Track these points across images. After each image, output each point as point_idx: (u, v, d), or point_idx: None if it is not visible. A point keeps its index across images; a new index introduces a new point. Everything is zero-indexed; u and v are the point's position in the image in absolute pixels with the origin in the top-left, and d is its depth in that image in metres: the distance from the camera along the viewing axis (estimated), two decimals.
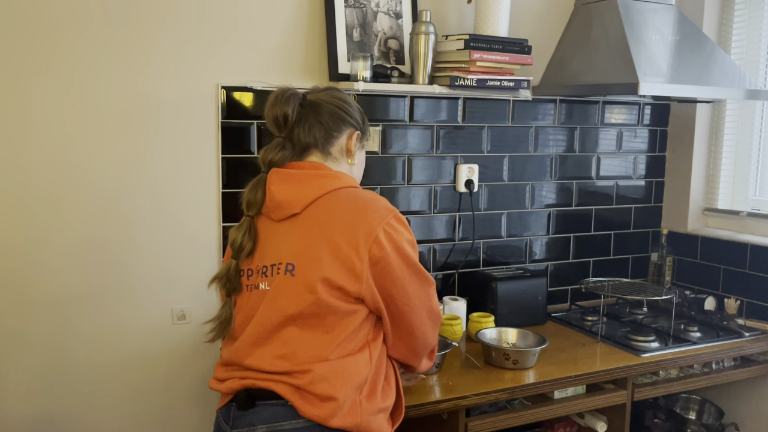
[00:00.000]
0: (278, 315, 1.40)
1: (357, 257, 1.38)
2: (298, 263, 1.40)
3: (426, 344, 1.55)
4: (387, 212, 1.43)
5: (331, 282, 1.37)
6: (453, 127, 2.39)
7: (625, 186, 2.78)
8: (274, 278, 1.42)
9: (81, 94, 1.88)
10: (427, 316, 1.51)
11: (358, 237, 1.38)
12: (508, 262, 2.57)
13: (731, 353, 2.26)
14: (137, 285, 2.00)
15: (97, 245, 1.94)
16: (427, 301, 1.50)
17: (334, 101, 1.54)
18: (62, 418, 1.95)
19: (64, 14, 1.84)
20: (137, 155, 1.96)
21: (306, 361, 1.39)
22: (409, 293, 1.45)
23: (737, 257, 2.57)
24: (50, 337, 1.92)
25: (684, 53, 2.30)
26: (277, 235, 1.46)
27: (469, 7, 2.35)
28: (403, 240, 1.43)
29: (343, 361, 1.40)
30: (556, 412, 1.98)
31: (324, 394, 1.37)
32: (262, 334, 1.42)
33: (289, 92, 1.51)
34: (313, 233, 1.40)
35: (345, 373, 1.39)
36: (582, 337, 2.28)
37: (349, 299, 1.40)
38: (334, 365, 1.39)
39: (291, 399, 1.38)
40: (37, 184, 1.86)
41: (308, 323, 1.39)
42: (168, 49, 1.96)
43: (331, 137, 1.52)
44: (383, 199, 1.48)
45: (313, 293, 1.37)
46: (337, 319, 1.40)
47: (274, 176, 1.47)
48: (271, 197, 1.46)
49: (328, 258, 1.38)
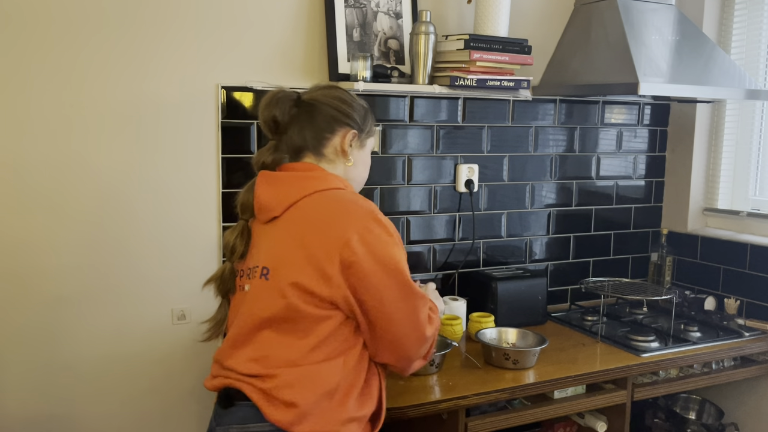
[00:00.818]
0: (254, 318, 1.41)
1: (328, 261, 1.35)
2: (272, 267, 1.40)
3: (407, 358, 1.48)
4: (364, 215, 1.39)
5: (301, 286, 1.36)
6: (453, 127, 2.39)
7: (625, 186, 2.78)
8: (253, 281, 1.44)
9: (81, 94, 1.88)
10: (411, 329, 1.44)
11: (330, 240, 1.35)
12: (508, 262, 2.57)
13: (731, 353, 2.26)
14: (137, 285, 2.00)
15: (97, 245, 1.94)
16: (411, 314, 1.42)
17: (329, 101, 1.51)
18: (62, 417, 1.95)
19: (64, 14, 1.84)
20: (137, 155, 1.96)
21: (276, 365, 1.39)
22: (385, 301, 1.38)
23: (737, 257, 2.57)
24: (50, 337, 1.92)
25: (684, 53, 2.30)
26: (261, 237, 1.47)
27: (469, 7, 2.35)
28: (379, 244, 1.37)
29: (314, 367, 1.38)
30: (556, 412, 1.98)
31: (287, 399, 1.36)
32: (240, 336, 1.43)
33: (279, 95, 1.50)
34: (289, 236, 1.40)
35: (313, 380, 1.37)
36: (582, 337, 2.28)
37: (323, 304, 1.37)
38: (303, 371, 1.37)
39: (258, 402, 1.38)
40: (37, 184, 1.86)
41: (282, 327, 1.39)
42: (168, 49, 1.96)
43: (324, 138, 1.50)
44: (366, 202, 1.43)
45: (284, 297, 1.37)
46: (311, 324, 1.38)
47: (261, 179, 1.48)
48: (257, 200, 1.46)
49: (301, 262, 1.37)
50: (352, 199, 1.43)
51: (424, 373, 1.90)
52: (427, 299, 1.48)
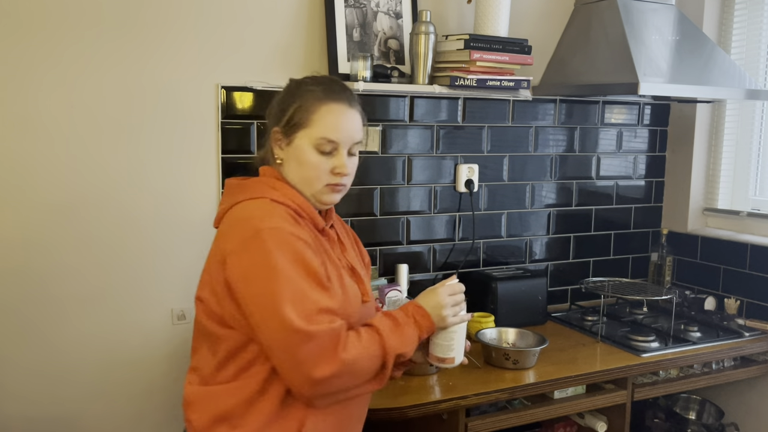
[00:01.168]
0: (197, 327, 1.42)
1: (216, 278, 1.30)
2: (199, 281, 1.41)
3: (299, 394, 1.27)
4: (245, 232, 1.27)
5: (202, 301, 1.35)
6: (453, 127, 2.39)
7: (625, 186, 2.78)
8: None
9: (80, 94, 1.88)
10: (291, 366, 1.24)
11: (216, 257, 1.30)
12: (508, 262, 2.57)
13: (731, 353, 2.26)
14: (137, 285, 2.00)
15: (96, 245, 1.94)
16: (287, 350, 1.23)
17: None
18: (62, 417, 1.95)
19: (63, 14, 1.83)
20: (137, 155, 1.96)
21: (190, 380, 1.40)
22: (258, 330, 1.25)
23: (737, 257, 2.57)
24: (50, 337, 1.92)
25: (684, 53, 2.29)
26: None
27: (469, 7, 2.35)
28: (252, 266, 1.24)
29: (216, 387, 1.34)
30: (556, 412, 1.98)
31: (188, 417, 1.38)
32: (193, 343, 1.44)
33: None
34: (210, 251, 1.37)
35: (209, 401, 1.34)
36: (582, 337, 2.28)
37: (222, 322, 1.32)
38: (206, 390, 1.36)
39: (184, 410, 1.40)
40: (37, 184, 1.86)
41: (207, 341, 1.37)
42: (168, 49, 1.95)
43: (264, 140, 1.45)
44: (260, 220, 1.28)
45: (196, 313, 1.38)
46: (216, 342, 1.34)
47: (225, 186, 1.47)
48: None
49: (204, 276, 1.36)
50: (247, 214, 1.30)
51: (424, 373, 1.90)
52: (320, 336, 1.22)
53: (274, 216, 1.29)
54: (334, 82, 1.42)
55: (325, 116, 1.35)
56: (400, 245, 2.35)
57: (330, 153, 1.36)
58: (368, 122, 1.56)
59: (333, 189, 1.39)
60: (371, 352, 1.29)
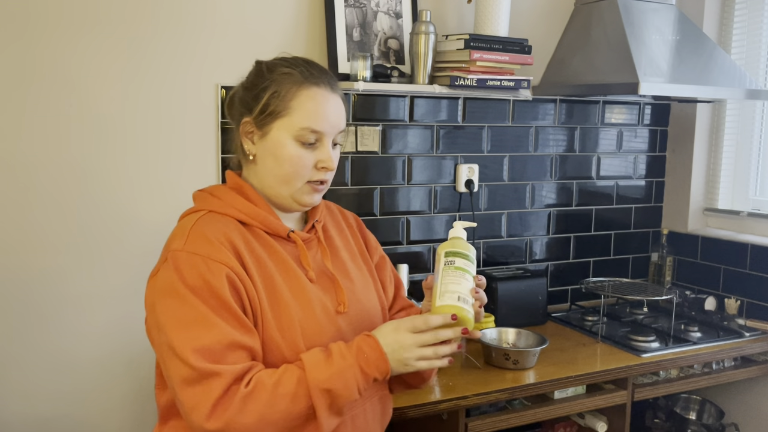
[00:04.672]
0: None
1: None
2: None
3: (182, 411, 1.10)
4: (164, 254, 1.16)
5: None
6: (453, 127, 2.39)
7: (626, 186, 2.78)
8: None
9: (80, 93, 1.87)
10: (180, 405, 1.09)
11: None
12: (508, 262, 2.57)
13: (731, 353, 2.26)
14: (137, 285, 2.00)
15: (96, 245, 1.94)
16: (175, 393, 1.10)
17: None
18: (63, 418, 1.95)
19: (63, 14, 1.83)
20: (136, 155, 1.96)
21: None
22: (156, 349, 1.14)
23: (737, 257, 2.56)
24: (50, 337, 1.92)
25: (684, 53, 2.29)
26: None
27: (469, 7, 2.35)
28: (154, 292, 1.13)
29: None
30: (556, 413, 1.98)
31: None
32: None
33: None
34: None
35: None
36: (582, 337, 2.28)
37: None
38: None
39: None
40: (36, 184, 1.86)
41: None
42: (167, 49, 1.95)
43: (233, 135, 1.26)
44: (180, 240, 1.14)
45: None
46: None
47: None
48: None
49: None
50: (174, 233, 1.19)
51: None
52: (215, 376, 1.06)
53: (192, 235, 1.14)
54: (310, 63, 1.25)
55: (306, 103, 1.18)
56: (400, 245, 2.35)
57: (313, 145, 1.19)
58: (368, 122, 1.56)
59: (314, 188, 1.22)
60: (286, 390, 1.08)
